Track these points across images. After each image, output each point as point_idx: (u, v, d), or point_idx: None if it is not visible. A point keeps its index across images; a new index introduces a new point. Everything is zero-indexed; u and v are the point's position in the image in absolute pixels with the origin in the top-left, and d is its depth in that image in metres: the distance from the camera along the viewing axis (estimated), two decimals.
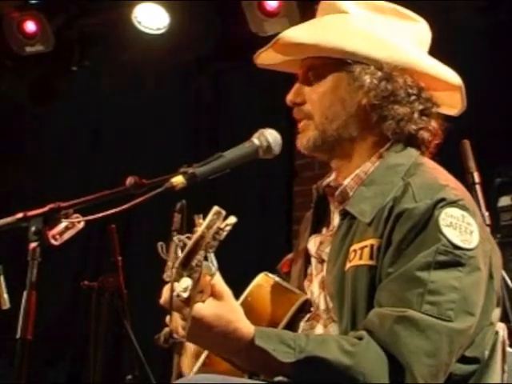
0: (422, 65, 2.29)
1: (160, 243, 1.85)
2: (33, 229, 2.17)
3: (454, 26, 5.38)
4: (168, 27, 6.01)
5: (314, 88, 2.31)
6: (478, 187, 3.32)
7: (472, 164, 3.36)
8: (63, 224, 2.23)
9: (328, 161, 2.39)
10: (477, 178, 3.33)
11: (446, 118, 2.35)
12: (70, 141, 6.77)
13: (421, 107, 2.26)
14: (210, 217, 1.84)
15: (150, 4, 5.98)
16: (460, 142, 3.41)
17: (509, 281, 3.31)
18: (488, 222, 3.26)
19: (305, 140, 2.32)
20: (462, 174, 3.24)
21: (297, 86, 2.35)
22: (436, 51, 2.39)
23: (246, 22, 5.69)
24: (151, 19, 6.01)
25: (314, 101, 2.30)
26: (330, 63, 2.28)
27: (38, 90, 6.69)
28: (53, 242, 2.20)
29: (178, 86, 6.61)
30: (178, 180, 2.13)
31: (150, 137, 6.71)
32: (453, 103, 2.38)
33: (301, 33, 2.32)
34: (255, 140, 2.28)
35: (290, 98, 2.35)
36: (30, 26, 6.09)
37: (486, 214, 3.28)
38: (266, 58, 2.41)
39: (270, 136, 2.29)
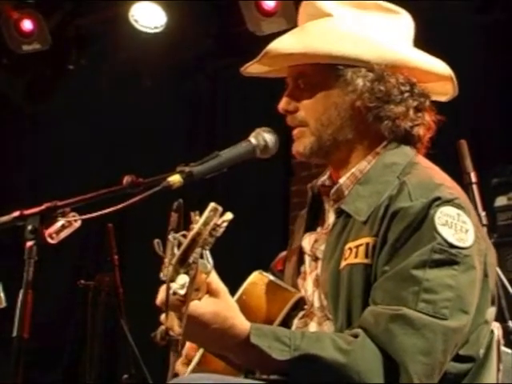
0: (412, 60, 2.28)
1: (156, 240, 1.84)
2: (29, 227, 2.16)
3: (452, 26, 5.38)
4: (165, 26, 6.01)
5: (306, 95, 2.29)
6: (474, 187, 3.32)
7: (469, 164, 3.36)
8: (60, 223, 2.22)
9: (325, 164, 2.40)
10: (473, 177, 3.34)
11: (443, 117, 2.35)
12: (67, 139, 6.76)
13: (415, 103, 2.26)
14: (206, 213, 1.83)
15: (147, 3, 5.98)
16: (457, 142, 3.41)
17: (505, 280, 3.32)
18: (485, 221, 3.26)
19: (301, 147, 2.31)
20: (458, 174, 3.25)
21: (287, 93, 2.34)
22: (435, 50, 2.38)
23: (244, 22, 5.69)
24: (148, 18, 6.01)
25: (307, 108, 2.29)
26: (320, 69, 2.27)
27: (35, 89, 6.68)
28: (49, 240, 2.20)
29: (176, 84, 6.60)
30: (175, 179, 2.13)
31: (147, 135, 6.70)
32: (444, 91, 2.38)
33: (288, 43, 2.30)
34: (252, 139, 2.28)
35: (282, 106, 2.33)
36: (27, 25, 6.09)
37: (483, 213, 3.28)
38: (254, 68, 2.40)
39: (267, 135, 2.29)
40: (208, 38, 6.33)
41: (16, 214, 2.21)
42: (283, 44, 2.31)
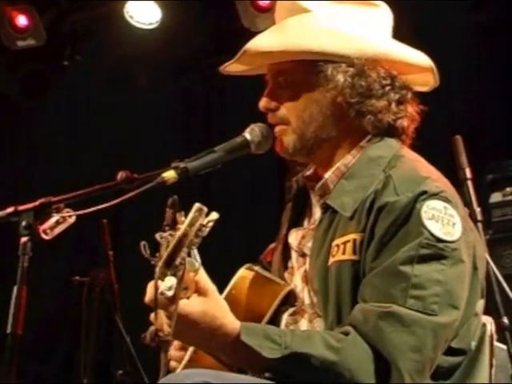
0: (392, 53, 2.27)
1: (142, 242, 1.83)
2: (23, 223, 2.16)
3: (447, 25, 5.39)
4: (160, 22, 6.01)
5: (286, 93, 2.27)
6: (469, 183, 3.31)
7: (464, 160, 3.36)
8: (54, 218, 2.22)
9: (309, 162, 2.38)
10: (468, 174, 3.33)
11: (439, 113, 2.34)
12: (61, 136, 6.75)
13: (397, 96, 2.24)
14: (191, 214, 1.82)
15: None
16: (452, 138, 3.40)
17: (500, 276, 3.32)
18: (480, 217, 3.26)
19: (284, 145, 2.30)
20: (453, 170, 3.25)
21: (268, 91, 2.32)
22: (429, 48, 2.38)
23: (239, 18, 5.69)
24: (143, 14, 6.01)
25: (288, 106, 2.27)
26: (300, 66, 2.25)
27: (30, 85, 6.67)
28: (44, 236, 2.20)
29: (170, 80, 6.59)
30: (170, 175, 2.13)
31: (142, 131, 6.69)
32: (425, 82, 2.37)
33: (266, 40, 2.28)
34: (247, 135, 2.28)
35: (262, 104, 2.31)
36: (22, 20, 6.07)
37: (478, 209, 3.28)
38: (234, 67, 2.38)
39: (262, 131, 2.28)
40: (203, 35, 6.32)
41: (10, 209, 2.21)
42: (262, 42, 2.29)
